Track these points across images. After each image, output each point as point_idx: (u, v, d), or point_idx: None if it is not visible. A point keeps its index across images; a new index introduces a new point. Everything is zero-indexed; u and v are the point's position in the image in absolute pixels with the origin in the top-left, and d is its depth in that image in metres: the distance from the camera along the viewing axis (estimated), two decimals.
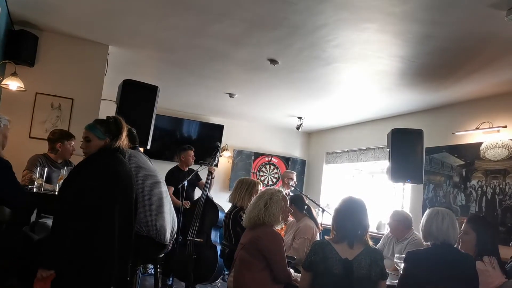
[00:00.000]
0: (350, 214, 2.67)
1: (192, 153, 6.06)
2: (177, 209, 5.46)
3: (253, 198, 3.34)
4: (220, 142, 8.01)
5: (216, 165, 6.14)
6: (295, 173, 6.97)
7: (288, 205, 3.30)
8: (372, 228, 6.38)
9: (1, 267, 2.72)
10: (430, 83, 5.02)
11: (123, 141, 2.77)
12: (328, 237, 2.72)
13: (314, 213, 4.85)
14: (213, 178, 5.83)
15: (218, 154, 6.05)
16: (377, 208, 6.86)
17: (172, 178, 5.71)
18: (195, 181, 6.03)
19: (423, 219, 2.80)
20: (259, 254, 2.98)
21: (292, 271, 3.15)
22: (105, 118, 2.85)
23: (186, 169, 6.00)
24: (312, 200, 5.98)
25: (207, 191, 5.63)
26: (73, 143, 4.05)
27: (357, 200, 2.75)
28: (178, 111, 8.05)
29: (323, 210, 5.52)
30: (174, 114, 8.03)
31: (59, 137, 3.99)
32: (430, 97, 5.58)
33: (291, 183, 6.64)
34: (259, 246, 2.99)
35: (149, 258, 3.52)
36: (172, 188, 5.51)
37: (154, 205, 3.19)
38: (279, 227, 3.21)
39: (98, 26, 4.37)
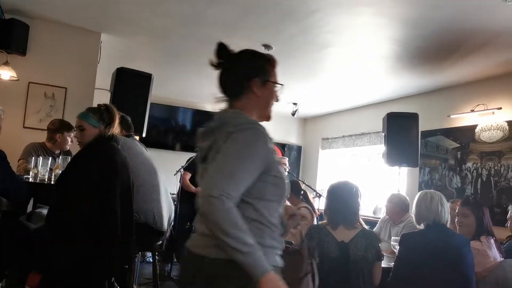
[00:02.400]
0: (342, 197, 2.69)
1: None
2: (186, 197, 5.49)
3: None
4: None
5: None
6: (287, 159, 6.91)
7: None
8: (369, 212, 6.42)
9: None
10: (425, 66, 5.01)
11: (116, 128, 2.76)
12: (323, 222, 2.74)
13: (311, 198, 4.86)
14: None
15: None
16: (373, 193, 6.90)
17: (191, 165, 5.62)
18: None
19: (414, 203, 2.83)
20: None
21: None
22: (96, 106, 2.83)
23: None
24: (308, 186, 6.00)
25: None
26: (72, 134, 4.02)
27: (347, 183, 2.77)
28: (173, 99, 8.01)
29: (319, 195, 5.53)
30: (169, 102, 7.99)
31: (59, 127, 3.94)
32: (425, 81, 5.57)
33: (284, 168, 6.63)
34: None
35: (147, 246, 3.52)
36: (189, 175, 5.51)
37: (151, 193, 3.18)
38: None
39: (90, 13, 4.32)
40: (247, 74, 1.63)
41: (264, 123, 1.62)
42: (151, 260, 5.14)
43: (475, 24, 3.74)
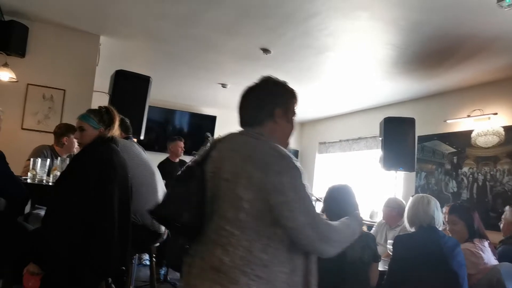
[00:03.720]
0: (338, 200, 2.71)
1: (181, 143, 5.95)
2: None
3: None
4: (213, 133, 8.00)
5: None
6: None
7: None
8: (366, 216, 6.44)
9: None
10: (422, 71, 5.05)
11: (116, 130, 2.78)
12: None
13: None
14: None
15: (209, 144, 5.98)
16: (370, 197, 6.92)
17: (164, 171, 5.62)
18: None
19: (409, 205, 2.87)
20: None
21: None
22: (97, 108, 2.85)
23: (177, 160, 5.92)
24: None
25: None
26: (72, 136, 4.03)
27: (342, 186, 2.80)
28: (170, 102, 8.03)
29: (317, 200, 5.55)
30: (166, 105, 8.00)
31: (65, 131, 3.94)
32: (422, 85, 5.61)
33: None
34: None
35: (144, 247, 3.52)
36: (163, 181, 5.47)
37: (149, 195, 3.20)
38: None
39: (89, 15, 4.34)
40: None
41: None
42: (148, 263, 5.14)
43: (470, 30, 3.78)
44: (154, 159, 5.63)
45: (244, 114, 1.79)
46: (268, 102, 1.74)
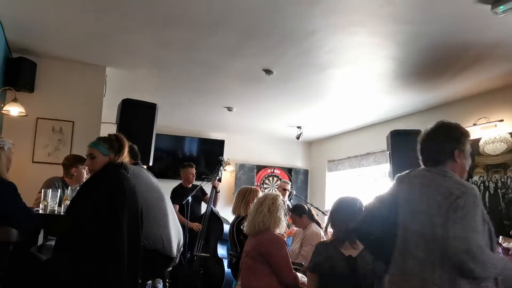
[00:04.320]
0: (345, 213, 2.71)
1: (192, 170, 6.05)
2: (183, 226, 5.50)
3: (253, 204, 3.33)
4: (222, 156, 8.05)
5: (220, 180, 6.16)
6: (289, 183, 6.82)
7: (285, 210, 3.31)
8: None
9: None
10: (423, 83, 5.07)
11: (125, 157, 2.83)
12: (329, 238, 2.76)
13: (315, 216, 4.89)
14: (218, 192, 5.84)
15: (221, 168, 6.05)
16: None
17: (176, 196, 5.70)
18: (201, 196, 6.04)
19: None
20: (263, 259, 2.99)
21: (299, 274, 3.16)
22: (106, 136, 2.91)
23: (190, 185, 6.01)
24: (316, 208, 6.01)
25: (212, 206, 5.64)
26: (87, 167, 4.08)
27: (349, 198, 2.80)
28: (178, 129, 8.12)
29: (323, 213, 5.56)
30: (175, 132, 8.09)
31: (73, 162, 4.00)
32: (425, 97, 5.63)
33: (287, 192, 6.54)
34: (262, 251, 3.01)
35: (157, 272, 3.53)
36: (177, 206, 5.51)
37: (159, 219, 3.22)
38: (282, 231, 3.22)
39: (94, 48, 4.46)
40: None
41: (270, 148, 1.83)
42: None
43: (468, 38, 3.81)
44: (168, 186, 5.71)
45: (427, 156, 2.19)
46: (447, 147, 2.11)
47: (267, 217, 3.12)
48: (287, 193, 6.38)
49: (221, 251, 5.36)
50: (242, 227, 3.95)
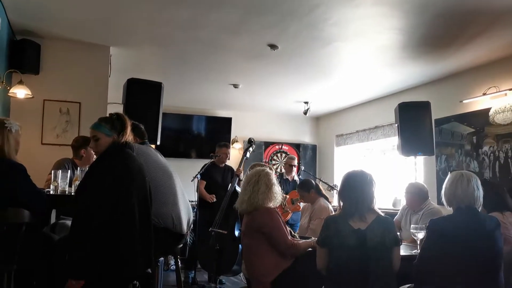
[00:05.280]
0: (355, 186, 2.68)
1: (225, 149, 5.86)
2: (206, 202, 5.54)
3: (245, 183, 3.25)
4: (230, 134, 8.06)
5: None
6: (295, 158, 6.75)
7: (275, 179, 3.26)
8: (388, 205, 6.40)
9: (23, 269, 2.78)
10: (432, 54, 4.99)
11: (129, 135, 2.82)
12: (338, 211, 2.75)
13: (323, 190, 4.90)
14: (241, 180, 5.66)
15: (250, 149, 5.88)
16: (391, 185, 6.87)
17: (206, 172, 5.58)
18: (230, 177, 5.91)
19: (447, 184, 2.69)
20: (259, 233, 2.99)
21: (299, 240, 3.16)
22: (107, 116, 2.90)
23: (222, 165, 5.90)
24: (325, 183, 6.01)
25: (236, 185, 5.59)
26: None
27: (359, 172, 2.77)
28: (185, 108, 8.11)
29: (332, 188, 5.57)
30: (182, 111, 8.09)
31: (82, 143, 4.01)
32: (434, 68, 5.55)
33: (294, 168, 6.50)
34: (255, 225, 3.02)
35: (168, 250, 3.57)
36: (204, 182, 5.55)
37: (168, 197, 3.23)
38: (272, 205, 3.18)
39: (97, 28, 4.43)
40: None
41: (278, 124, 1.71)
42: (174, 267, 5.19)
43: (478, 4, 3.71)
44: (177, 165, 5.67)
45: None
46: None
47: (265, 195, 3.09)
48: (294, 169, 6.37)
49: (238, 230, 5.39)
50: None
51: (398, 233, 2.85)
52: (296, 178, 6.25)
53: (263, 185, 3.12)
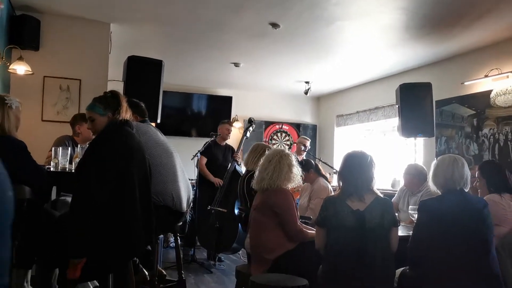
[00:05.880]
0: (354, 167, 2.70)
1: (226, 126, 5.93)
2: (206, 181, 5.57)
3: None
4: (230, 113, 8.04)
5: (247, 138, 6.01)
6: (309, 140, 6.81)
7: (295, 161, 3.26)
8: (387, 186, 6.43)
9: (25, 246, 2.81)
10: (435, 35, 4.95)
11: (127, 113, 2.80)
12: (337, 192, 2.77)
13: (322, 170, 4.92)
14: (240, 165, 5.70)
15: (250, 128, 5.89)
16: (390, 166, 6.89)
17: (207, 150, 5.69)
18: (230, 155, 5.91)
19: (441, 167, 2.74)
20: (271, 211, 3.00)
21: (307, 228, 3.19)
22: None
23: (223, 143, 5.95)
24: (325, 163, 6.04)
25: (236, 164, 5.61)
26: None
27: (359, 153, 2.78)
28: (186, 86, 8.08)
29: (336, 172, 5.57)
30: (183, 89, 8.06)
31: (75, 120, 4.03)
32: (436, 49, 5.51)
33: (303, 148, 6.56)
34: (270, 203, 3.02)
35: (168, 227, 3.60)
36: (205, 159, 5.62)
37: (168, 175, 3.25)
38: (290, 186, 3.19)
39: (98, 4, 4.38)
40: None
41: (278, 103, 1.64)
42: (173, 245, 5.25)
43: None
44: (177, 143, 5.72)
45: None
46: None
47: (287, 175, 3.07)
48: (305, 151, 6.37)
49: (238, 209, 5.43)
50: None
51: (396, 214, 2.88)
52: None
53: (285, 166, 3.10)
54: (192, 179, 4.80)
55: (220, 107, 8.14)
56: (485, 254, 2.56)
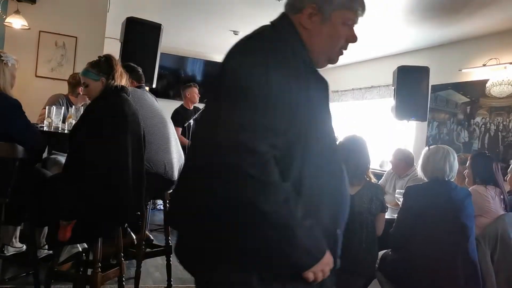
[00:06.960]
0: (349, 153, 2.72)
1: (196, 90, 5.95)
2: (184, 148, 5.55)
3: None
4: None
5: None
6: None
7: None
8: (376, 166, 6.50)
9: (15, 204, 2.83)
10: (438, 19, 4.91)
11: (122, 78, 2.77)
12: None
13: None
14: None
15: None
16: (381, 146, 6.95)
17: (178, 117, 5.61)
18: None
19: (432, 157, 2.80)
20: None
21: None
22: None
23: (192, 107, 5.96)
24: None
25: None
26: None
27: (355, 138, 2.80)
28: (182, 49, 7.95)
29: None
30: (178, 52, 7.94)
31: (79, 81, 3.97)
32: (438, 33, 5.48)
33: None
34: None
35: (158, 194, 3.63)
36: (180, 129, 5.50)
37: (161, 143, 3.25)
38: None
39: None
40: None
41: None
42: (161, 207, 5.30)
43: None
44: (168, 106, 5.67)
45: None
46: None
47: None
48: None
49: None
50: None
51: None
52: None
53: None
54: None
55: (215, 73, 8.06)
56: (465, 241, 2.67)
